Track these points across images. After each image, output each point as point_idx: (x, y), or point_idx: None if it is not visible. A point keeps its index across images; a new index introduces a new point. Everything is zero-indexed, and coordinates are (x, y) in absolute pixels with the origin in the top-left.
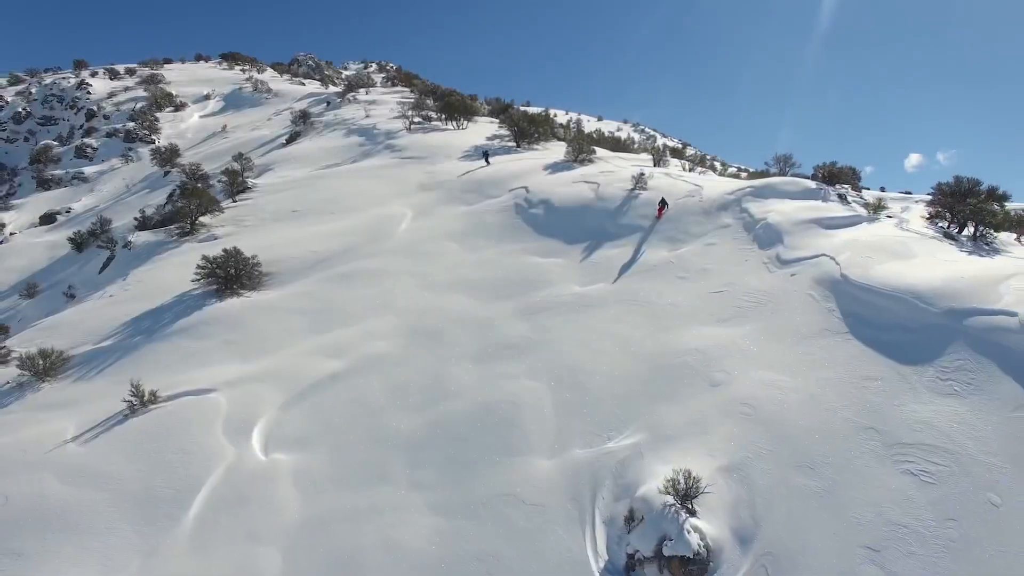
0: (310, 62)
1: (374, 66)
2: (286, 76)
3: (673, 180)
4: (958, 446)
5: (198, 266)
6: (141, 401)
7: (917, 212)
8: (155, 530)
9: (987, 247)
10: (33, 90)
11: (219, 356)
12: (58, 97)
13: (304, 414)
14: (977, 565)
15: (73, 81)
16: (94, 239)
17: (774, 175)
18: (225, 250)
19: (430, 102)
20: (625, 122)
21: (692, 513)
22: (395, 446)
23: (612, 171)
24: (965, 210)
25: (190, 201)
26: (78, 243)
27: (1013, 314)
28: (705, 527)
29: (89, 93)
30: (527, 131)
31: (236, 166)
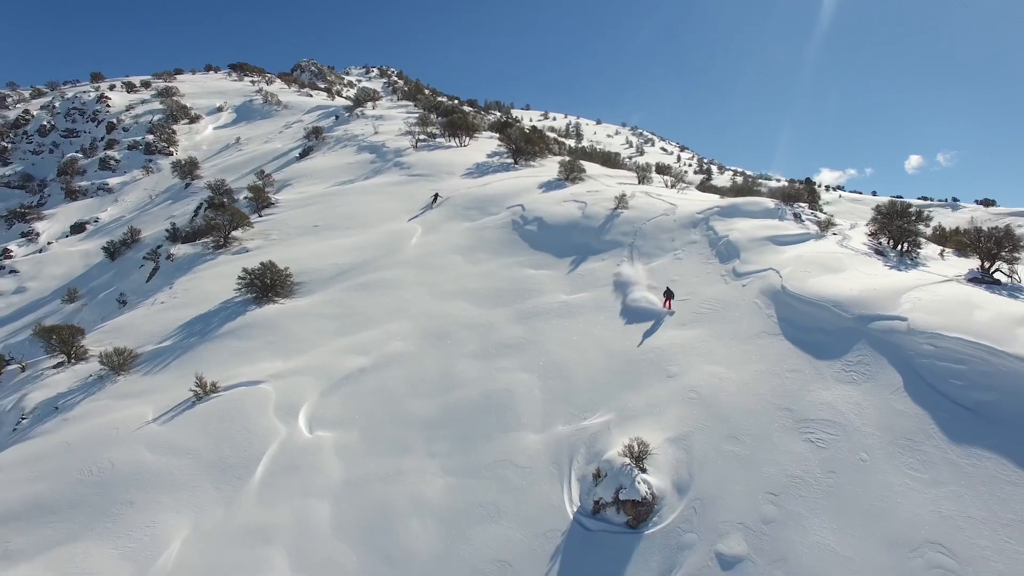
0: (312, 68)
1: (375, 71)
2: (293, 87)
3: (652, 200)
4: (847, 420)
5: (239, 277)
6: (204, 391)
7: (862, 229)
8: (230, 488)
9: (910, 261)
10: (56, 104)
11: (263, 354)
12: (79, 110)
13: (339, 401)
14: (843, 501)
15: (93, 95)
16: (126, 248)
17: (759, 180)
18: (262, 263)
19: (434, 117)
20: (623, 125)
21: (643, 470)
22: (414, 425)
23: (598, 191)
24: (895, 230)
25: (223, 217)
26: (111, 252)
27: (904, 319)
28: (652, 480)
29: (108, 106)
30: (524, 149)
31: (259, 183)
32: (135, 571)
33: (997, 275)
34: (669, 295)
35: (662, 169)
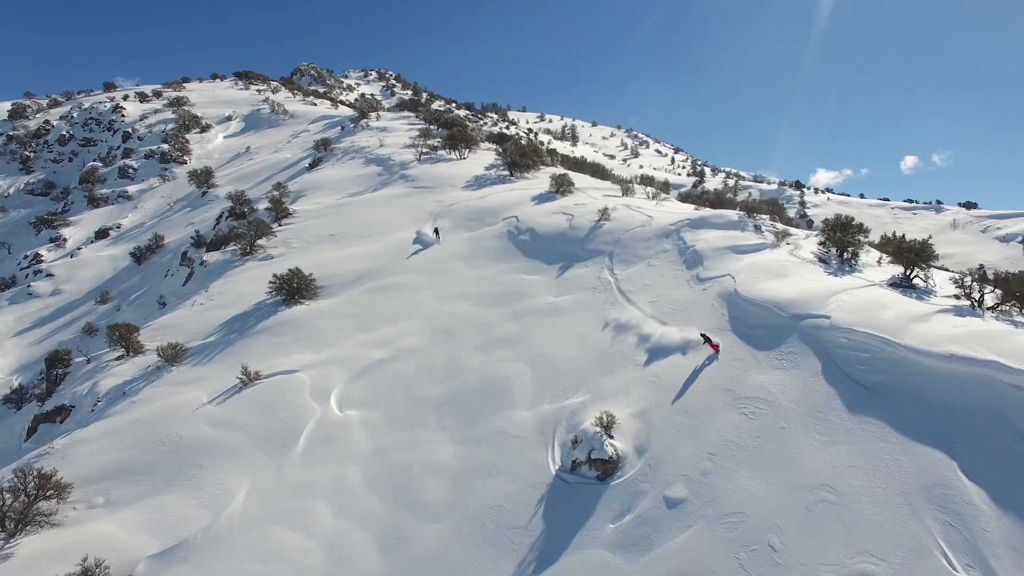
0: (312, 72)
1: (374, 74)
2: (298, 95)
3: (632, 212)
4: (774, 397)
5: (269, 282)
6: (248, 378)
7: (814, 239)
8: (279, 455)
9: (848, 268)
10: (75, 114)
11: (295, 348)
12: (96, 120)
13: (363, 386)
14: (764, 458)
15: (108, 105)
16: (151, 253)
17: (753, 181)
18: (290, 269)
19: (434, 128)
20: (619, 128)
21: (611, 437)
22: (427, 406)
23: (585, 203)
24: (837, 240)
25: (250, 227)
26: (137, 257)
27: (828, 317)
28: (617, 444)
29: (123, 116)
30: (519, 163)
31: (276, 194)
32: (211, 515)
33: (916, 280)
34: (707, 339)
35: (645, 180)
